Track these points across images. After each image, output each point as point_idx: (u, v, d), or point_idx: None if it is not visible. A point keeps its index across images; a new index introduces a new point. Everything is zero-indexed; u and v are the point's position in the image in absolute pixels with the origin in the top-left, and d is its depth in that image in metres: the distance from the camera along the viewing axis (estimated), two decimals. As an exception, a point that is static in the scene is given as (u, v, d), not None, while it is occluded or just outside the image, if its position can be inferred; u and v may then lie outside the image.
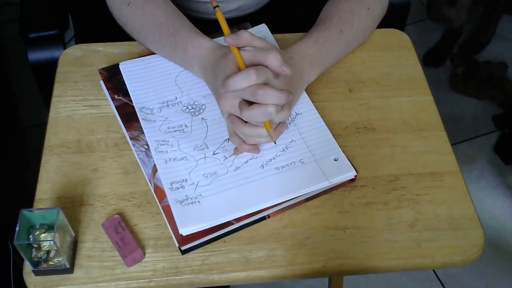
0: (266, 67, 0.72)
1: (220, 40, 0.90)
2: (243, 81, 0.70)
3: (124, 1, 0.86)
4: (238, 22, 0.93)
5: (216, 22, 1.03)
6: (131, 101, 0.82)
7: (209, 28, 0.87)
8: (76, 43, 1.13)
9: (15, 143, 1.76)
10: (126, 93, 0.83)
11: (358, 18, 0.86)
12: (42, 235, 0.65)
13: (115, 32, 0.90)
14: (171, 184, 0.73)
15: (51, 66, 0.91)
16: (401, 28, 0.94)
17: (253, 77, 0.70)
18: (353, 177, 0.74)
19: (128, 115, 0.80)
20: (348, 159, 0.75)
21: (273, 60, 0.71)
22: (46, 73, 0.97)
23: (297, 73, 0.79)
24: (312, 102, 0.82)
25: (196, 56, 0.80)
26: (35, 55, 1.00)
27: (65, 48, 0.99)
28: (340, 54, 0.86)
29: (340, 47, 0.85)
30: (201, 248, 0.69)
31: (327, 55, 0.84)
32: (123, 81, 0.84)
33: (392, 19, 0.92)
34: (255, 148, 0.75)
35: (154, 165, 0.75)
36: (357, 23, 0.86)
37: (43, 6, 1.07)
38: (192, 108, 0.81)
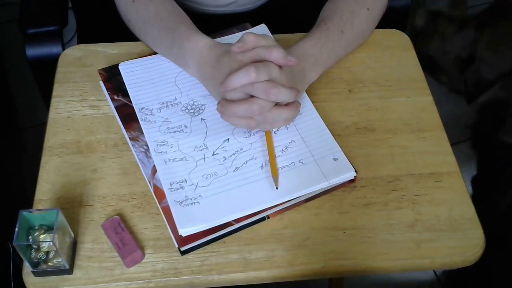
0: (271, 64, 0.72)
1: (220, 40, 0.90)
2: (243, 79, 0.71)
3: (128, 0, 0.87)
4: (237, 21, 0.93)
5: (217, 16, 1.03)
6: (130, 101, 0.82)
7: (210, 22, 0.87)
8: (78, 41, 1.13)
9: (15, 143, 1.76)
10: (125, 94, 0.83)
11: (358, 19, 0.86)
12: (42, 236, 0.65)
13: (117, 31, 0.90)
14: (171, 184, 0.72)
15: (49, 63, 0.91)
16: (402, 31, 0.94)
17: (253, 74, 0.71)
18: (353, 177, 0.74)
19: (128, 116, 0.80)
20: (348, 159, 0.75)
21: (277, 54, 0.72)
22: (44, 70, 0.97)
23: (299, 74, 0.79)
24: (312, 102, 0.82)
25: (192, 52, 0.80)
26: (33, 51, 1.00)
27: (63, 45, 0.99)
28: (340, 55, 0.86)
29: (341, 47, 0.86)
30: (201, 248, 0.69)
31: (328, 55, 0.84)
32: (123, 81, 0.84)
33: (392, 22, 0.92)
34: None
35: (154, 165, 0.75)
36: (357, 23, 0.86)
37: (43, 2, 1.07)
38: (192, 108, 0.81)
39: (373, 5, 0.88)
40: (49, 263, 0.66)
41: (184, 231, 0.68)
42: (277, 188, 0.72)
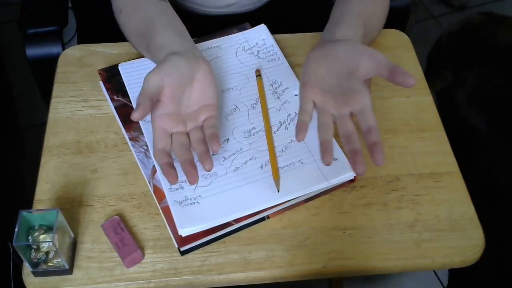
0: None
1: (220, 40, 0.90)
2: None
3: (117, 9, 0.86)
4: (237, 22, 0.93)
5: (217, 17, 1.02)
6: (130, 101, 0.82)
7: (211, 23, 0.87)
8: (78, 41, 1.13)
9: (15, 143, 1.76)
10: (125, 94, 0.83)
11: (380, 26, 0.85)
12: (41, 236, 0.65)
13: (117, 31, 0.90)
14: (171, 184, 0.72)
15: (49, 63, 0.91)
16: (402, 31, 0.94)
17: None
18: (353, 177, 0.74)
19: (128, 116, 0.80)
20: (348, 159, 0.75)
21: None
22: (44, 70, 0.97)
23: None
24: (312, 102, 0.82)
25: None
26: (33, 51, 1.00)
27: (63, 45, 0.99)
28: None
29: (367, 38, 0.82)
30: (201, 249, 0.69)
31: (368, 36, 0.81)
32: (123, 81, 0.84)
33: (393, 22, 0.92)
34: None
35: (153, 166, 0.75)
36: (379, 29, 0.86)
37: (43, 2, 1.07)
38: (192, 108, 0.81)
39: (387, 13, 0.86)
40: (49, 263, 0.66)
41: (184, 231, 0.68)
42: (278, 191, 0.71)
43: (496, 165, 1.14)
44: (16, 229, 0.63)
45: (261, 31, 0.91)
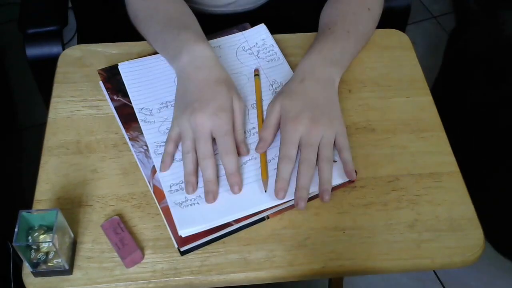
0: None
1: (220, 41, 0.90)
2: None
3: None
4: (237, 21, 0.93)
5: (217, 16, 1.02)
6: (130, 101, 0.82)
7: (210, 22, 0.86)
8: (78, 41, 1.13)
9: (15, 143, 1.76)
10: (125, 94, 0.83)
11: (361, 19, 0.86)
12: (41, 237, 0.65)
13: (117, 31, 0.90)
14: (170, 186, 0.72)
15: (49, 63, 0.91)
16: (402, 31, 0.94)
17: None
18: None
19: (128, 116, 0.80)
20: (347, 159, 0.75)
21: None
22: (44, 70, 0.97)
23: (328, 83, 0.79)
24: (312, 102, 0.82)
25: (194, 53, 0.78)
26: (33, 51, 1.00)
27: (63, 45, 0.99)
28: (353, 53, 0.85)
29: (351, 45, 0.85)
30: (201, 249, 0.69)
31: (342, 54, 0.82)
32: (122, 81, 0.84)
33: (393, 22, 0.92)
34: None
35: (153, 166, 0.75)
36: (360, 23, 0.86)
37: (43, 2, 1.07)
38: (192, 108, 0.81)
39: (373, 5, 0.88)
40: (49, 264, 0.66)
41: (183, 232, 0.68)
42: (265, 191, 0.72)
43: (480, 36, 1.51)
44: (16, 229, 0.63)
45: (261, 31, 0.91)
